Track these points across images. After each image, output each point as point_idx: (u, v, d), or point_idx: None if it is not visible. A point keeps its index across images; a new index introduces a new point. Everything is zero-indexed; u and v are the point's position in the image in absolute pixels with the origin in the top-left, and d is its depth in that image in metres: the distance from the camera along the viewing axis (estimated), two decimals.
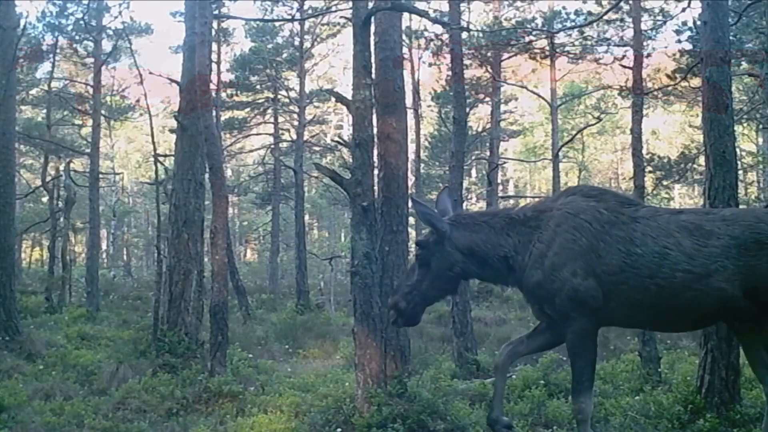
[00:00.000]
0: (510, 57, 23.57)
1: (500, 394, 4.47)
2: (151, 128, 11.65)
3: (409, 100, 19.03)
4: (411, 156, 21.23)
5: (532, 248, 4.27)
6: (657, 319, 4.37)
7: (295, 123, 23.34)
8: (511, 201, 38.18)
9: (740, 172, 12.08)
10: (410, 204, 6.22)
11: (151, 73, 11.56)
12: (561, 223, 4.24)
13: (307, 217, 29.83)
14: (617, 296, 4.14)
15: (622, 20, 18.46)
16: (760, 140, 21.46)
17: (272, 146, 25.30)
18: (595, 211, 4.24)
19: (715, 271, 4.04)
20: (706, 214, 4.42)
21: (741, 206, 7.25)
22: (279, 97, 24.22)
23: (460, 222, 4.49)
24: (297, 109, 23.09)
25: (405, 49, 18.90)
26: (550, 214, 4.33)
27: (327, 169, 6.33)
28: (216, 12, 15.68)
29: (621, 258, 4.12)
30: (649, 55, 21.97)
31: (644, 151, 15.60)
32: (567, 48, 21.99)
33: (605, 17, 16.66)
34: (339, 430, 5.42)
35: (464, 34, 16.60)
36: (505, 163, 31.02)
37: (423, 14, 8.05)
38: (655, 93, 19.80)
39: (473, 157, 25.43)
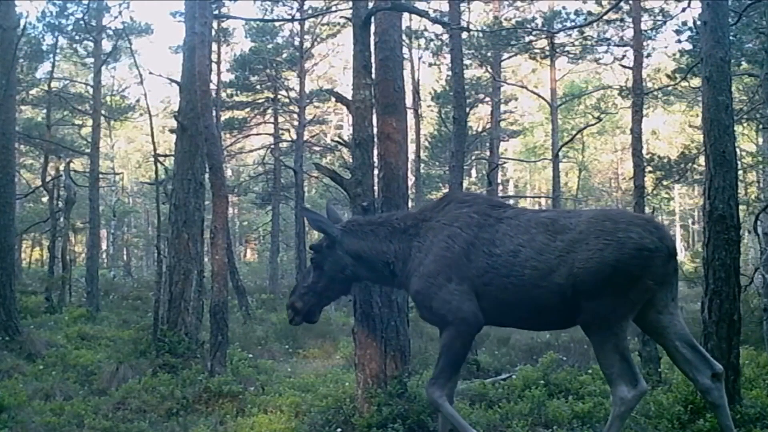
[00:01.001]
0: (510, 57, 23.58)
1: (460, 421, 4.44)
2: (151, 128, 11.65)
3: (409, 100, 19.03)
4: (411, 156, 21.23)
5: (412, 256, 4.48)
6: (523, 317, 4.45)
7: (295, 123, 23.35)
8: (511, 201, 38.33)
9: (740, 172, 12.06)
10: (302, 213, 6.44)
11: (151, 73, 11.61)
12: (437, 232, 4.42)
13: None
14: (486, 297, 4.26)
15: (622, 20, 18.45)
16: (760, 140, 21.43)
17: (272, 146, 25.30)
18: (467, 216, 4.40)
19: (558, 266, 4.10)
20: (568, 211, 4.60)
21: (741, 206, 7.25)
22: (279, 97, 24.23)
23: (351, 229, 4.74)
24: (297, 109, 23.11)
25: (405, 49, 18.89)
26: (428, 224, 4.52)
27: (327, 169, 6.33)
28: (216, 12, 15.69)
29: (485, 260, 4.26)
30: (649, 55, 22.07)
31: (644, 151, 15.59)
32: (567, 48, 21.99)
33: (605, 17, 16.65)
34: (339, 430, 5.42)
35: (464, 34, 16.61)
36: (505, 163, 31.02)
37: (423, 14, 8.05)
38: (655, 93, 19.85)
39: (473, 157, 25.44)
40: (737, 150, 6.38)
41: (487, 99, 23.76)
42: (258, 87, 24.30)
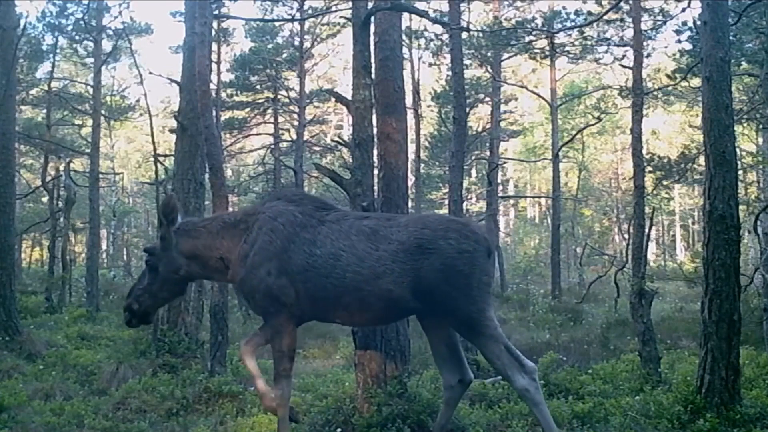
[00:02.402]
0: (510, 57, 23.59)
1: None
2: (151, 128, 11.64)
3: (409, 100, 19.04)
4: (411, 156, 21.22)
5: (240, 249, 4.66)
6: (340, 315, 4.66)
7: (295, 123, 23.34)
8: (512, 201, 38.33)
9: (740, 172, 12.05)
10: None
11: (151, 73, 11.61)
12: (262, 226, 4.62)
13: None
14: (305, 294, 4.50)
15: (622, 20, 18.46)
16: (760, 140, 21.42)
17: (272, 146, 25.29)
18: (291, 214, 4.63)
19: (383, 274, 4.37)
20: (387, 219, 4.76)
21: (741, 206, 7.25)
22: (279, 97, 24.22)
23: (184, 229, 4.87)
24: (297, 109, 23.10)
25: (405, 49, 18.90)
26: (255, 217, 4.72)
27: (327, 169, 6.32)
28: (216, 12, 15.67)
29: (305, 258, 4.49)
30: (649, 55, 22.08)
31: (644, 151, 15.61)
32: (567, 48, 22.00)
33: (605, 17, 16.66)
34: (339, 430, 5.42)
35: (464, 34, 16.62)
36: (505, 163, 31.02)
37: (423, 14, 8.04)
38: (655, 93, 19.85)
39: (473, 157, 25.43)
40: (737, 150, 6.38)
41: (487, 99, 23.75)
42: (258, 87, 24.28)
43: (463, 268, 4.35)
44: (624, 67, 16.81)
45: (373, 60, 6.08)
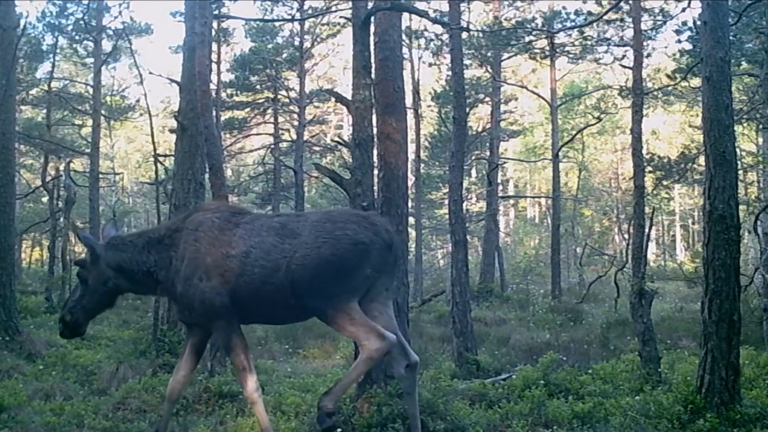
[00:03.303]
0: (510, 57, 23.59)
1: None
2: (151, 128, 11.64)
3: (409, 100, 19.04)
4: (411, 156, 21.23)
5: (172, 264, 4.85)
6: (263, 312, 4.84)
7: (295, 123, 23.35)
8: (512, 201, 38.33)
9: (740, 172, 12.06)
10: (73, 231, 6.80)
11: (151, 73, 11.62)
12: (186, 239, 4.84)
13: None
14: (231, 295, 4.66)
15: (622, 20, 18.47)
16: (760, 140, 21.42)
17: (272, 146, 25.30)
18: (209, 221, 4.85)
19: (283, 266, 4.54)
20: (298, 216, 4.99)
21: (741, 206, 7.24)
22: (279, 97, 24.23)
23: (113, 243, 5.09)
24: (297, 109, 23.12)
25: (405, 49, 18.90)
26: (180, 233, 4.92)
27: (327, 169, 6.33)
28: (216, 12, 15.68)
29: (223, 260, 4.67)
30: (649, 55, 22.09)
31: (644, 151, 15.62)
32: (567, 48, 22.00)
33: (605, 17, 16.66)
34: (339, 430, 5.41)
35: (464, 34, 16.61)
36: (505, 163, 31.02)
37: (423, 14, 8.05)
38: (655, 93, 19.86)
39: (473, 157, 25.43)
40: (737, 150, 6.38)
41: (487, 99, 23.75)
42: (258, 87, 24.30)
43: (351, 259, 4.49)
44: (624, 67, 16.83)
45: (373, 60, 6.08)
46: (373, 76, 6.02)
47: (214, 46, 22.22)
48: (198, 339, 4.97)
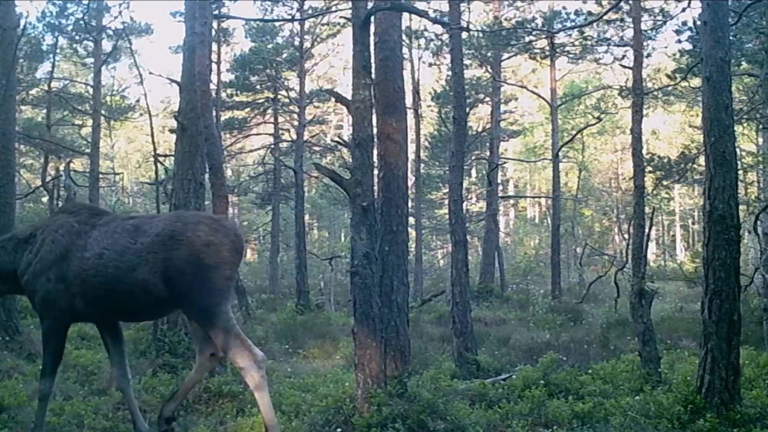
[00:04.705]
0: (510, 57, 23.59)
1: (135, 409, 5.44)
2: (151, 128, 11.64)
3: (409, 100, 19.04)
4: (411, 156, 21.23)
5: (26, 259, 5.11)
6: (116, 311, 5.08)
7: (295, 123, 23.33)
8: (512, 201, 38.31)
9: (740, 172, 12.06)
10: None
11: (151, 73, 11.61)
12: (45, 237, 5.07)
13: (307, 217, 29.83)
14: (82, 296, 4.89)
15: (622, 20, 18.46)
16: (760, 140, 21.42)
17: (272, 146, 25.28)
18: (69, 225, 5.05)
19: (139, 265, 4.72)
20: (151, 217, 5.19)
21: (741, 206, 7.25)
22: (279, 97, 24.21)
23: None
24: (297, 109, 23.08)
25: (405, 49, 18.90)
26: (41, 231, 5.16)
27: (327, 169, 6.33)
28: (216, 12, 15.68)
29: (78, 262, 4.88)
30: (649, 55, 22.07)
31: (644, 151, 15.61)
32: (567, 48, 21.99)
33: (605, 17, 16.65)
34: (339, 430, 5.42)
35: (464, 34, 16.61)
36: (505, 163, 31.02)
37: (423, 14, 8.06)
38: (655, 93, 19.85)
39: (473, 157, 25.43)
40: (737, 150, 6.38)
41: (487, 99, 23.75)
42: (258, 87, 24.27)
43: (208, 260, 4.65)
44: (624, 67, 16.81)
45: (373, 60, 6.08)
46: (373, 76, 6.02)
47: (214, 46, 22.20)
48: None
